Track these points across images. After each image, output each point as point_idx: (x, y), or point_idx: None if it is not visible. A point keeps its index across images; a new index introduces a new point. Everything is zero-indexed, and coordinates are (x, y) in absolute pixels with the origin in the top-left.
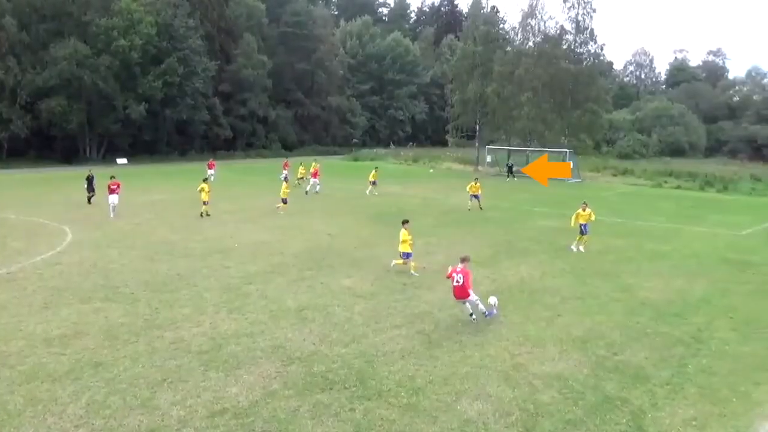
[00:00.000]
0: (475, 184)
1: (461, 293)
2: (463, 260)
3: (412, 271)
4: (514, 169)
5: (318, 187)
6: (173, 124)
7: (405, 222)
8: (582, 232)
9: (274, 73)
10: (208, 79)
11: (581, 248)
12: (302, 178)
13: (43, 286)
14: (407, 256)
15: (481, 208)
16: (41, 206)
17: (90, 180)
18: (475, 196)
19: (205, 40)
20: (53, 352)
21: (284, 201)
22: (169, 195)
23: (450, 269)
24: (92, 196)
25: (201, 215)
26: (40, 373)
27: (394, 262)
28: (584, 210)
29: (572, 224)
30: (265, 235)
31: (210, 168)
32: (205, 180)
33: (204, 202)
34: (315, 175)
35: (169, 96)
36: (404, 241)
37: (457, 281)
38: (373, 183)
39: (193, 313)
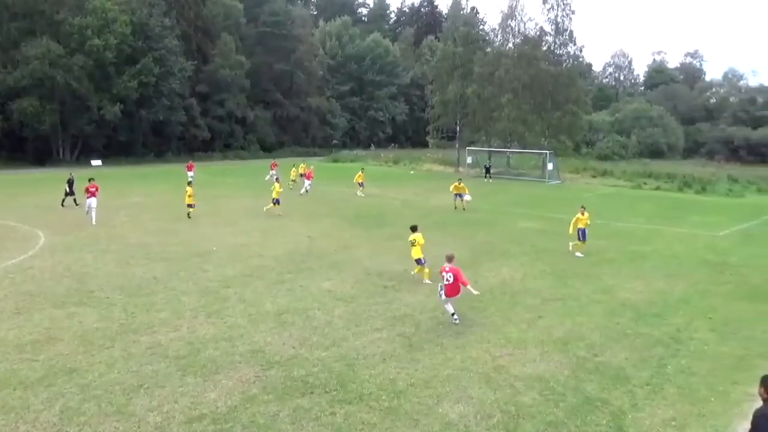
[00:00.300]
0: (459, 184)
1: (453, 291)
2: (450, 259)
3: (414, 272)
4: (492, 170)
5: (305, 189)
6: (149, 125)
7: (414, 228)
8: (581, 238)
9: (253, 74)
10: (185, 80)
11: (579, 254)
12: (294, 180)
13: (15, 291)
14: (421, 261)
15: (464, 208)
16: (13, 209)
17: (71, 183)
18: (460, 195)
19: (181, 40)
20: (25, 358)
21: (277, 201)
22: (145, 197)
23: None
24: (74, 198)
25: (188, 216)
26: (12, 379)
27: (415, 273)
28: (583, 214)
29: (570, 231)
30: (243, 237)
31: (189, 170)
32: (189, 183)
33: (189, 205)
34: (309, 176)
35: (144, 96)
36: (417, 246)
37: (447, 280)
38: (360, 184)
39: (171, 317)
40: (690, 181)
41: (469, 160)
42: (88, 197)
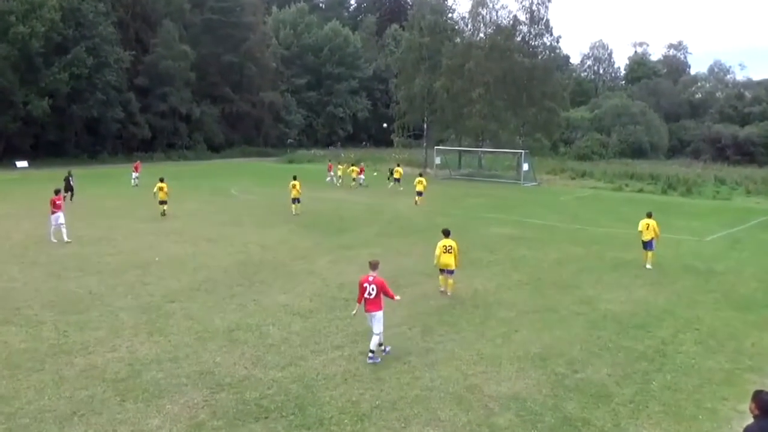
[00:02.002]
0: (420, 177)
1: (374, 306)
2: (374, 266)
3: (443, 288)
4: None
5: (361, 184)
6: (82, 122)
7: (447, 232)
8: (653, 248)
9: (198, 66)
10: (122, 72)
11: (648, 265)
12: (355, 179)
13: None
14: (453, 271)
15: (416, 203)
16: None
17: (68, 181)
18: (419, 193)
19: (117, 28)
20: None
21: (296, 200)
22: (78, 202)
23: (361, 279)
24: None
25: (162, 214)
26: None
27: (442, 288)
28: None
29: (645, 238)
30: (189, 247)
31: (135, 171)
32: (161, 180)
33: (161, 202)
34: (361, 171)
35: (76, 90)
36: (453, 253)
37: (369, 293)
38: (397, 180)
39: (108, 336)
40: (674, 182)
41: (437, 160)
42: (54, 212)
